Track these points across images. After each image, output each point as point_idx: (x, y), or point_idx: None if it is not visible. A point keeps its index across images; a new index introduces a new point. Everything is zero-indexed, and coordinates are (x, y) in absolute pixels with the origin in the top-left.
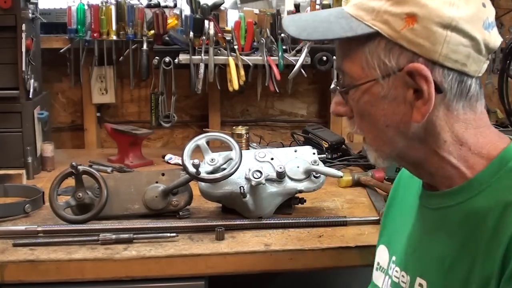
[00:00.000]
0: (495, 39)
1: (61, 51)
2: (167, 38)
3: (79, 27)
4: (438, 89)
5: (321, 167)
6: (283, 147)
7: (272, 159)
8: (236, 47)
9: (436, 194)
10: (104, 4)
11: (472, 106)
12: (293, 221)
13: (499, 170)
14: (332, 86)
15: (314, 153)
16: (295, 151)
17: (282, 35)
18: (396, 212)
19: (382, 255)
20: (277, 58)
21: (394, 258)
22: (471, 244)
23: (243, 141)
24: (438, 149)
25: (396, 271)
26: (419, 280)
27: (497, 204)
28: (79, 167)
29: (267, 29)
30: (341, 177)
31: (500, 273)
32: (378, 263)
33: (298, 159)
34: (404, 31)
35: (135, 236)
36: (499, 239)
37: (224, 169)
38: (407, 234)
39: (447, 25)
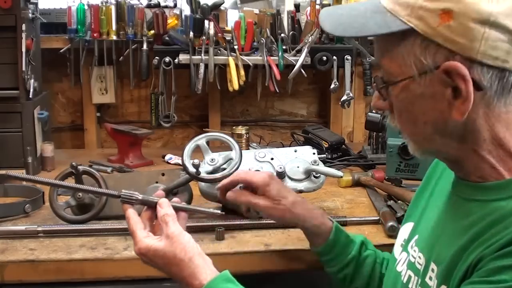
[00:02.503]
0: None
1: (61, 51)
2: (167, 38)
3: (79, 27)
4: (478, 87)
5: (321, 167)
6: (283, 147)
7: (272, 159)
8: (236, 47)
9: (470, 185)
10: (104, 4)
11: None
12: None
13: None
14: (372, 85)
15: (314, 153)
16: (295, 151)
17: (282, 35)
18: (430, 193)
19: (408, 232)
20: (277, 58)
21: (417, 236)
22: (483, 238)
23: (243, 141)
24: (478, 148)
25: (414, 250)
26: (432, 265)
27: None
28: (79, 167)
29: (267, 29)
30: (341, 177)
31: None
32: (404, 239)
33: (298, 159)
34: (440, 28)
35: None
36: (508, 235)
37: (224, 169)
38: (435, 217)
39: (485, 21)
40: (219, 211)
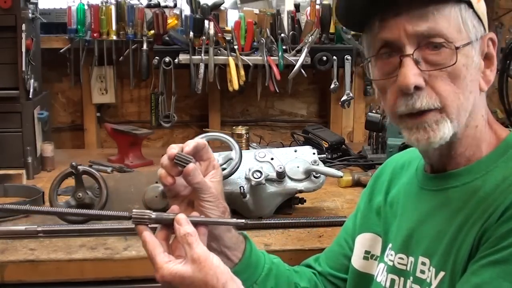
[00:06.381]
0: None
1: (61, 51)
2: (167, 38)
3: (79, 27)
4: None
5: (321, 167)
6: (283, 147)
7: (272, 159)
8: (236, 47)
9: (440, 176)
10: (104, 4)
11: None
12: (293, 221)
13: (505, 152)
14: (409, 52)
15: (314, 153)
16: (295, 151)
17: (282, 35)
18: (384, 204)
19: (372, 244)
20: (277, 58)
21: (390, 245)
22: (475, 217)
23: (243, 141)
24: (478, 124)
25: (391, 255)
26: (421, 259)
27: (504, 180)
28: (79, 167)
29: (267, 29)
30: (341, 177)
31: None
32: (369, 252)
33: (298, 159)
34: (478, 4)
35: None
36: (502, 203)
37: (224, 169)
38: (404, 219)
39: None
40: (242, 220)
